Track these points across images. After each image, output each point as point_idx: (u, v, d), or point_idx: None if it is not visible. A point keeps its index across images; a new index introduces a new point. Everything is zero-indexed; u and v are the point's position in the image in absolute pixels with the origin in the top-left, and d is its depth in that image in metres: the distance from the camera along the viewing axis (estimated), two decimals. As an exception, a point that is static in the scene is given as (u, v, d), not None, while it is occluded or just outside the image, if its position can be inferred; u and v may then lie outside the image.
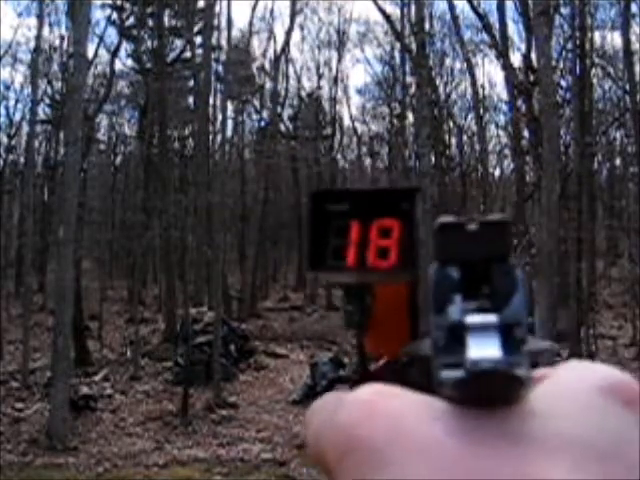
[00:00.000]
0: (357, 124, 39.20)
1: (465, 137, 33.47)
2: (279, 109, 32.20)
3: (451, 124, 32.53)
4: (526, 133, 21.56)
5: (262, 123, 33.19)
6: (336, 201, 0.46)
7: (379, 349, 0.55)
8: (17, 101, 32.24)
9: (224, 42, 23.39)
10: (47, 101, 29.02)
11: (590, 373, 0.37)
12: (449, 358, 0.34)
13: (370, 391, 0.37)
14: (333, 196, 0.46)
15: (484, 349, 0.33)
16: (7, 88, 31.04)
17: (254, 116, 34.90)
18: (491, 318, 0.35)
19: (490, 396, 0.34)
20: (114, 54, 26.77)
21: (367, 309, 0.54)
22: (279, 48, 32.23)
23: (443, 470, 0.33)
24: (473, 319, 0.35)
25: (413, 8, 20.55)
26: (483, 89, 32.25)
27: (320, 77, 35.50)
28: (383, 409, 0.35)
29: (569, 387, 0.36)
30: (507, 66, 21.13)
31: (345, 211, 0.46)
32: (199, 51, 23.83)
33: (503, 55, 21.63)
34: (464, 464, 0.33)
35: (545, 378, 0.37)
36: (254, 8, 32.71)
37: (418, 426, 0.34)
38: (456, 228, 0.37)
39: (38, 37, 22.74)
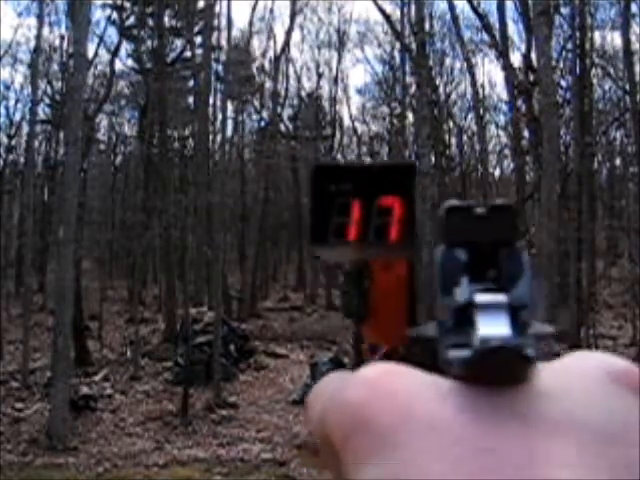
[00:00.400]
0: (357, 124, 39.23)
1: (465, 137, 33.50)
2: (279, 109, 32.19)
3: (451, 124, 32.55)
4: (526, 133, 21.59)
5: (262, 123, 33.21)
6: (337, 179, 0.46)
7: (377, 338, 0.55)
8: (17, 101, 32.30)
9: (224, 42, 23.41)
10: (47, 101, 29.04)
11: (597, 360, 0.37)
12: (456, 338, 0.35)
13: (377, 370, 0.36)
14: (334, 173, 0.46)
15: (493, 327, 0.34)
16: (7, 88, 31.08)
17: (254, 116, 34.93)
18: (500, 297, 0.35)
19: (499, 375, 0.34)
20: (114, 54, 26.78)
21: (365, 295, 0.54)
22: (279, 48, 32.26)
23: (452, 449, 0.32)
24: (482, 298, 0.35)
25: (413, 8, 20.55)
26: (483, 89, 32.28)
27: (320, 77, 35.52)
28: (390, 388, 0.35)
29: (576, 371, 0.36)
30: (507, 66, 21.13)
31: (347, 190, 0.46)
32: (199, 51, 23.84)
33: (503, 55, 21.64)
34: (473, 443, 0.33)
35: (549, 365, 0.37)
36: (254, 8, 32.72)
37: (426, 405, 0.34)
38: (464, 211, 0.37)
39: (38, 37, 22.75)
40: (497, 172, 36.93)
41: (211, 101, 23.82)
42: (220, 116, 24.17)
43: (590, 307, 20.58)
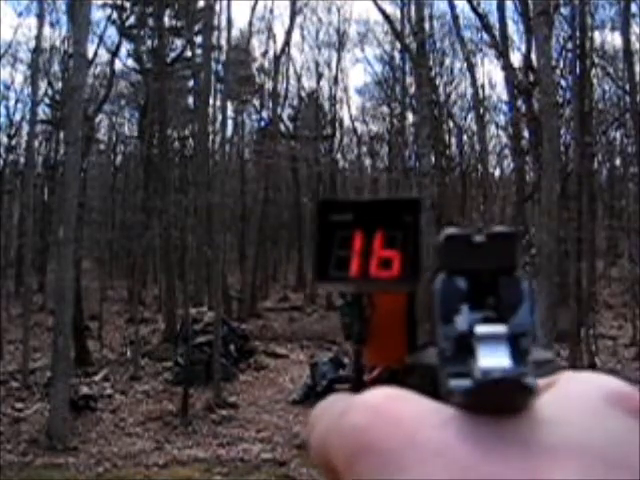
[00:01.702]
0: (357, 124, 39.25)
1: (465, 137, 33.51)
2: (279, 109, 32.19)
3: (451, 124, 32.56)
4: (526, 133, 21.59)
5: (262, 123, 33.22)
6: (340, 211, 0.46)
7: (376, 360, 0.55)
8: (17, 101, 32.30)
9: (224, 42, 23.40)
10: (47, 101, 29.03)
11: (594, 382, 0.37)
12: (457, 367, 0.35)
13: (380, 394, 0.36)
14: (337, 206, 0.46)
15: (494, 358, 0.34)
16: (7, 88, 31.10)
17: (254, 116, 34.96)
18: (500, 328, 0.35)
19: (499, 404, 0.34)
20: (114, 54, 26.80)
21: (366, 320, 0.54)
22: (279, 48, 32.26)
23: (455, 475, 0.33)
24: (482, 329, 0.35)
25: (413, 8, 20.55)
26: (483, 89, 32.24)
27: (320, 77, 35.53)
28: (394, 413, 0.35)
29: (575, 395, 0.36)
30: (507, 66, 21.14)
31: (349, 221, 0.46)
32: (199, 51, 23.84)
33: (503, 55, 21.64)
34: (476, 470, 0.33)
35: (549, 387, 0.37)
36: (254, 8, 32.72)
37: (430, 431, 0.34)
38: (463, 239, 0.37)
39: (38, 37, 22.73)
40: (497, 172, 36.95)
41: (211, 101, 23.84)
42: (220, 116, 24.18)
43: (590, 307, 20.59)
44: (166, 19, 26.36)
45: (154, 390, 17.30)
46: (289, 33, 31.70)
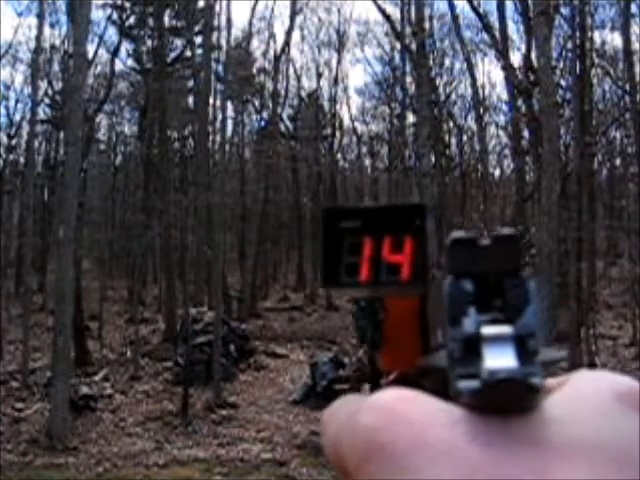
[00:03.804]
0: (357, 124, 39.26)
1: (465, 137, 33.52)
2: (279, 109, 32.20)
3: (451, 124, 32.56)
4: (526, 133, 21.60)
5: (262, 123, 33.23)
6: (348, 218, 0.47)
7: (391, 365, 0.55)
8: (17, 101, 32.31)
9: (224, 42, 23.39)
10: (47, 101, 29.03)
11: (604, 380, 0.37)
12: (465, 369, 0.35)
13: (391, 395, 0.36)
14: (345, 213, 0.47)
15: (500, 359, 0.34)
16: (7, 88, 31.08)
17: (254, 116, 34.95)
18: (506, 329, 0.36)
19: (507, 404, 0.35)
20: (114, 54, 26.81)
21: (380, 325, 0.55)
22: (279, 48, 32.27)
23: (465, 475, 0.33)
24: (488, 330, 0.36)
25: (413, 8, 20.55)
26: (483, 89, 32.30)
27: (320, 77, 35.53)
28: (405, 414, 0.35)
29: (586, 394, 0.37)
30: (507, 66, 21.14)
31: (357, 228, 0.46)
32: (199, 51, 23.84)
33: (503, 55, 21.64)
34: (486, 470, 0.33)
35: (560, 386, 0.38)
36: (254, 8, 32.69)
37: (440, 432, 0.34)
38: (469, 243, 0.38)
39: (38, 37, 22.73)
40: (497, 172, 36.97)
41: (211, 101, 23.83)
42: (220, 116, 24.18)
43: (590, 307, 20.59)
44: (166, 19, 26.36)
45: (154, 390, 17.31)
46: (289, 33, 31.75)
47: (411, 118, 27.30)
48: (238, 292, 26.79)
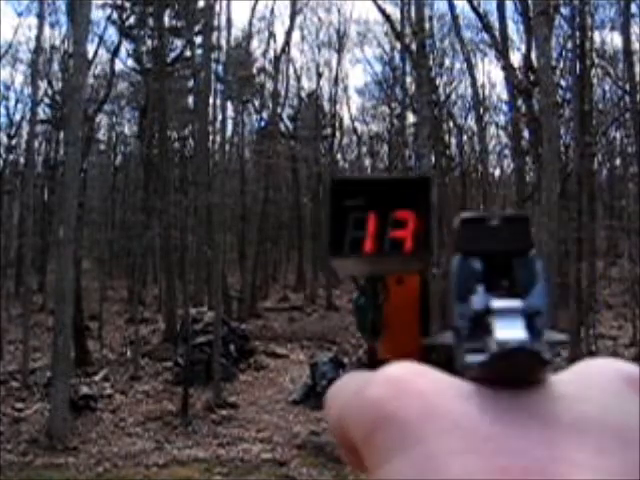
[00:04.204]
0: (357, 124, 39.26)
1: (465, 137, 33.51)
2: (279, 109, 32.19)
3: (451, 124, 32.56)
4: (526, 133, 21.60)
5: (262, 123, 33.21)
6: (353, 194, 0.47)
7: (391, 353, 0.55)
8: (17, 101, 32.32)
9: (224, 42, 23.39)
10: (47, 101, 29.02)
11: (612, 365, 0.38)
12: (473, 344, 0.36)
13: (400, 368, 0.37)
14: (350, 186, 0.47)
15: (510, 331, 0.35)
16: (7, 88, 31.08)
17: (254, 116, 34.94)
18: (516, 303, 0.37)
19: (516, 376, 0.35)
20: (114, 54, 26.80)
21: (380, 309, 0.55)
22: (279, 48, 32.27)
23: (475, 448, 0.33)
24: (499, 303, 0.36)
25: (413, 8, 20.54)
26: (483, 89, 32.29)
27: (320, 77, 35.52)
28: (415, 386, 0.35)
29: (593, 375, 0.37)
30: (507, 66, 21.13)
31: (362, 204, 0.47)
32: (199, 51, 23.84)
33: (503, 55, 21.64)
34: (495, 441, 0.33)
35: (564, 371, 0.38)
36: (254, 8, 32.70)
37: (450, 404, 0.35)
38: (479, 222, 0.39)
39: (38, 37, 22.72)
40: (497, 172, 36.98)
41: (211, 101, 23.81)
42: (220, 116, 24.16)
43: (590, 307, 20.57)
44: (166, 19, 26.35)
45: (154, 390, 17.30)
46: (289, 33, 31.74)
47: (411, 118, 27.30)
48: (238, 292, 26.79)
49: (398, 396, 0.35)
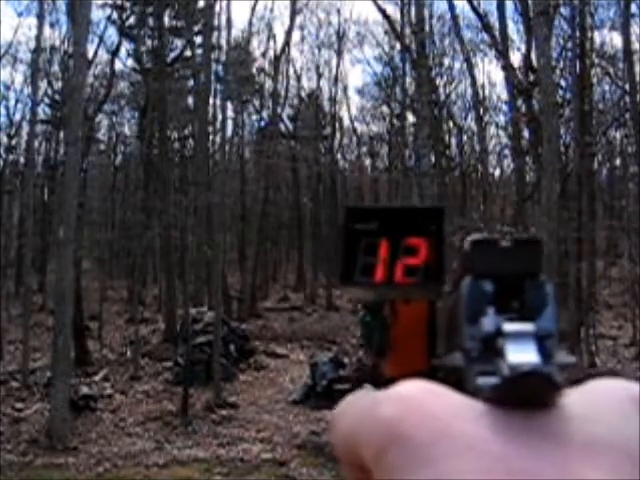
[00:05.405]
0: (357, 124, 39.26)
1: (465, 137, 33.51)
2: (279, 109, 32.19)
3: (451, 124, 32.55)
4: (526, 133, 21.59)
5: (262, 123, 33.23)
6: (366, 219, 0.47)
7: (397, 372, 0.55)
8: (17, 101, 32.34)
9: (224, 42, 23.39)
10: (47, 101, 29.03)
11: (621, 385, 0.38)
12: (484, 367, 0.36)
13: (413, 387, 0.36)
14: (363, 214, 0.48)
15: (522, 354, 0.35)
16: (7, 88, 31.09)
17: (254, 116, 34.95)
18: (528, 326, 0.36)
19: (527, 399, 0.35)
20: (114, 54, 26.80)
21: (387, 329, 0.55)
22: (279, 48, 32.27)
23: (488, 469, 0.33)
24: (511, 327, 0.36)
25: (413, 8, 20.55)
26: (483, 89, 32.29)
27: (320, 77, 35.53)
28: (427, 406, 0.35)
29: (603, 395, 0.37)
30: (507, 66, 21.13)
31: (374, 230, 0.47)
32: (199, 51, 23.84)
33: (503, 55, 21.64)
34: (508, 463, 0.33)
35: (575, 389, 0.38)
36: (254, 8, 32.74)
37: (462, 424, 0.34)
38: (489, 244, 0.39)
39: (38, 37, 22.71)
40: (497, 172, 36.95)
41: (211, 101, 23.83)
42: (220, 116, 24.17)
43: (590, 307, 20.57)
44: (166, 19, 26.35)
45: (154, 390, 17.30)
46: (289, 33, 31.74)
47: (411, 118, 27.30)
48: (238, 292, 26.79)
49: (410, 415, 0.35)
